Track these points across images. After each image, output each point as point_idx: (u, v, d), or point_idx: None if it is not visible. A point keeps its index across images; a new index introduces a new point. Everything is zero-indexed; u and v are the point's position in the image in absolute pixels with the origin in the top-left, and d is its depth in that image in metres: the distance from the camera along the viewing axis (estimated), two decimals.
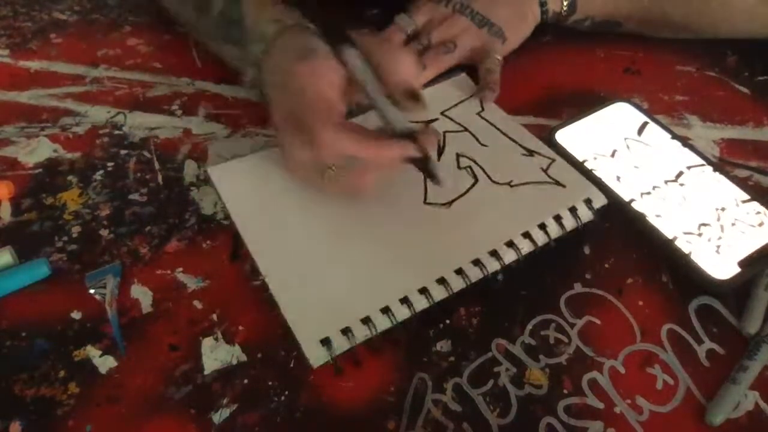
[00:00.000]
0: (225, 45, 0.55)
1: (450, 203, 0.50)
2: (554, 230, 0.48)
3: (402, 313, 0.44)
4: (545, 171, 0.52)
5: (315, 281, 0.45)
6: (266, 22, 0.51)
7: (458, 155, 0.54)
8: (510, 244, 0.47)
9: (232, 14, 0.53)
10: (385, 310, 0.43)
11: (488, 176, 0.52)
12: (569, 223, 0.49)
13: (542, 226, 0.48)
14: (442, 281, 0.45)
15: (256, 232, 0.48)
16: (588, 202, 0.49)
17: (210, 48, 0.59)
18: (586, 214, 0.49)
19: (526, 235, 0.47)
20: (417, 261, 0.46)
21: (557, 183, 0.51)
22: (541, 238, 0.48)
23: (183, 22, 0.62)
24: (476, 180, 0.52)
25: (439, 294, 0.45)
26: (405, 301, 0.44)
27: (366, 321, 0.43)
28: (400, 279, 0.45)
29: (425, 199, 0.50)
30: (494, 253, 0.46)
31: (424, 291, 0.44)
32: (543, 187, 0.51)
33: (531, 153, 0.53)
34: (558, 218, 0.48)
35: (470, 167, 0.53)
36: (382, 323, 0.43)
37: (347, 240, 0.48)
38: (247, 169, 0.53)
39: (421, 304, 0.44)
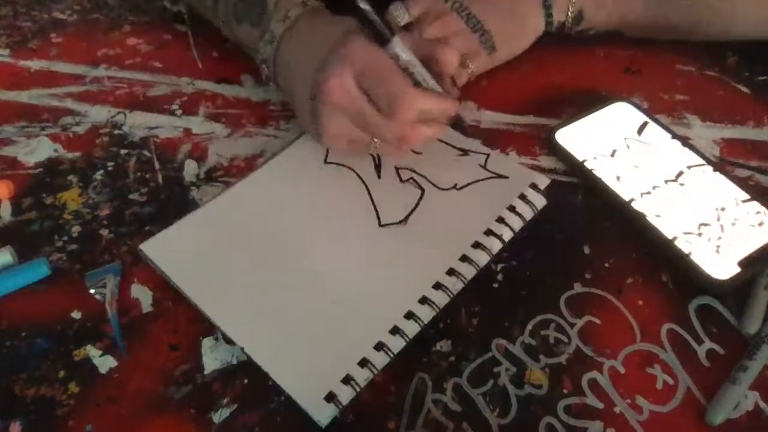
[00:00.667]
0: (240, 25, 0.55)
1: (405, 219, 0.49)
2: (515, 222, 0.49)
3: (397, 343, 0.43)
4: (484, 167, 0.52)
5: (297, 337, 0.43)
6: (289, 2, 0.52)
7: (397, 169, 0.53)
8: (477, 245, 0.47)
9: None
10: (379, 346, 0.43)
11: (433, 184, 0.52)
12: (525, 211, 0.49)
13: (501, 220, 0.49)
14: (424, 300, 0.45)
15: (215, 302, 0.45)
16: (534, 186, 0.51)
17: (225, 32, 0.59)
18: (537, 199, 0.50)
19: (489, 232, 0.48)
20: (394, 286, 0.46)
21: (499, 176, 0.52)
22: (506, 233, 0.48)
23: (202, 11, 0.62)
24: (423, 190, 0.51)
25: (424, 314, 0.44)
26: (395, 330, 0.43)
27: (363, 363, 0.42)
28: (383, 309, 0.44)
29: (379, 222, 0.49)
30: (465, 258, 0.47)
31: (410, 315, 0.44)
32: (487, 183, 0.51)
33: (465, 152, 0.54)
34: (513, 209, 0.49)
35: (412, 179, 0.52)
36: (380, 360, 0.42)
37: (314, 285, 0.46)
38: (180, 238, 0.49)
39: (412, 328, 0.44)
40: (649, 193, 0.51)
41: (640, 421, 0.41)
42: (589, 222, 0.51)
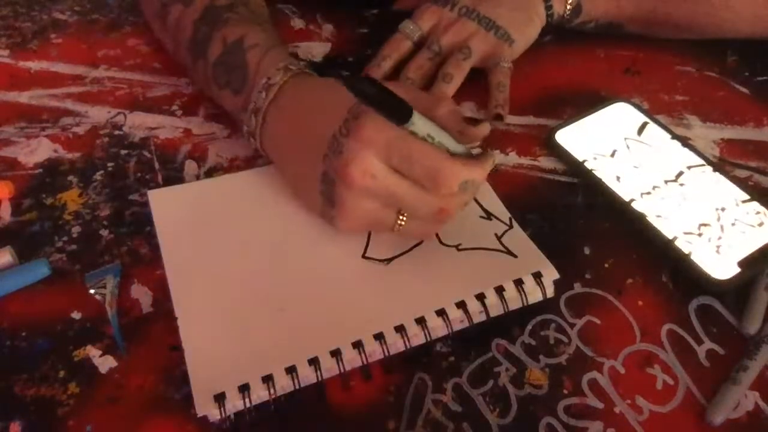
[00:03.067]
0: (222, 91, 0.52)
1: (389, 260, 0.46)
2: (494, 303, 0.44)
3: (308, 377, 0.41)
4: (499, 238, 0.48)
5: (227, 329, 0.42)
6: (271, 68, 0.48)
7: None
8: (441, 312, 0.43)
9: (234, 61, 0.51)
10: (291, 370, 0.40)
11: (437, 235, 0.48)
12: (513, 297, 0.44)
13: (480, 297, 0.44)
14: (357, 344, 0.42)
15: (180, 266, 0.45)
16: (537, 276, 0.45)
17: (205, 92, 0.57)
18: (533, 290, 0.45)
19: (461, 305, 0.43)
20: (337, 320, 0.43)
21: (509, 252, 0.47)
22: (477, 312, 0.44)
23: (178, 59, 0.59)
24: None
25: (352, 359, 0.41)
26: (313, 362, 0.41)
27: (267, 379, 0.40)
28: (313, 338, 0.42)
29: (364, 252, 0.47)
30: (421, 321, 0.43)
31: (336, 353, 0.41)
32: (492, 255, 0.47)
33: (489, 216, 0.49)
34: (500, 290, 0.44)
35: None
36: (284, 385, 0.40)
37: (270, 287, 0.45)
38: (183, 198, 0.50)
39: (328, 365, 0.41)
40: (649, 193, 0.51)
41: (640, 421, 0.41)
42: (589, 222, 0.51)
